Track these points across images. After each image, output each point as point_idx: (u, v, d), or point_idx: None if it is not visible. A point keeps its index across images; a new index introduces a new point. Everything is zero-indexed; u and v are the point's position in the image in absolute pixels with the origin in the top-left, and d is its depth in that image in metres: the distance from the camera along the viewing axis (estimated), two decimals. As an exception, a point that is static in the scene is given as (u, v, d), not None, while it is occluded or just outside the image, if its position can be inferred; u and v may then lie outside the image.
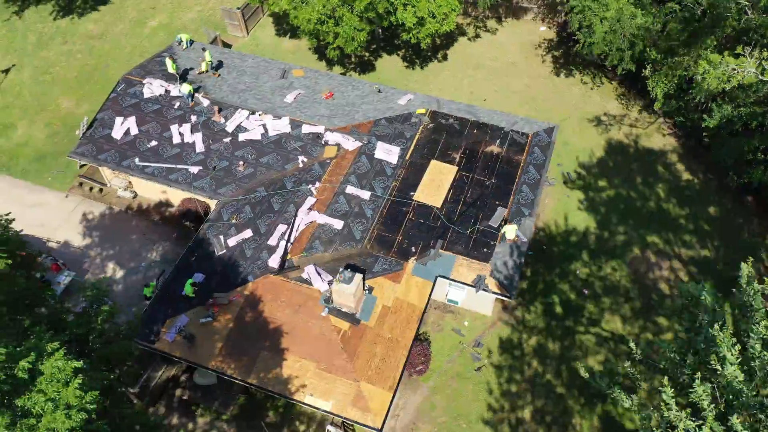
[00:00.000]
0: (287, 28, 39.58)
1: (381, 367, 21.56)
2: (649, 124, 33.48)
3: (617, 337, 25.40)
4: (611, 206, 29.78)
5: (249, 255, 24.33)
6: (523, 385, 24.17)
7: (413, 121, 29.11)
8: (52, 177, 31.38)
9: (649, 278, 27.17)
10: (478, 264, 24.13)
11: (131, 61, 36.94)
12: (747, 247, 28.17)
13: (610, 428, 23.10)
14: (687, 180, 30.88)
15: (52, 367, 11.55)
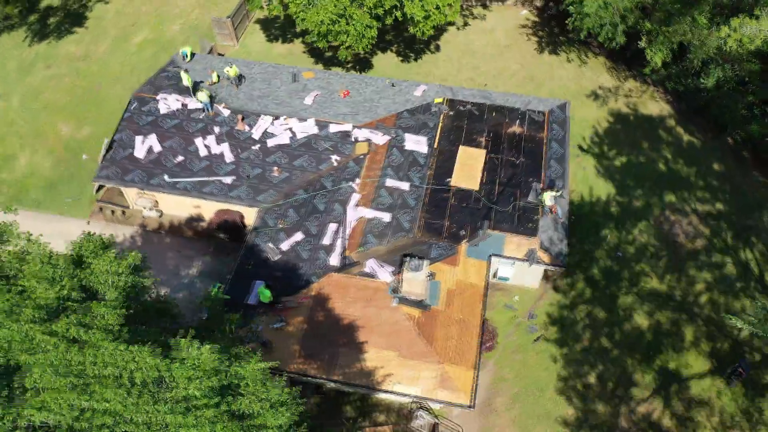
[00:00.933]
0: (276, 33, 39.53)
1: (459, 348, 22.26)
2: (642, 92, 35.36)
3: (657, 293, 26.94)
4: (625, 172, 31.38)
5: (306, 257, 24.51)
6: (582, 351, 25.35)
7: (433, 110, 29.85)
8: (68, 205, 30.46)
9: (673, 234, 28.88)
10: (526, 239, 25.14)
11: (123, 79, 36.14)
12: (753, 198, 30.33)
13: (668, 378, 24.54)
14: (688, 141, 32.86)
15: (253, 371, 11.66)
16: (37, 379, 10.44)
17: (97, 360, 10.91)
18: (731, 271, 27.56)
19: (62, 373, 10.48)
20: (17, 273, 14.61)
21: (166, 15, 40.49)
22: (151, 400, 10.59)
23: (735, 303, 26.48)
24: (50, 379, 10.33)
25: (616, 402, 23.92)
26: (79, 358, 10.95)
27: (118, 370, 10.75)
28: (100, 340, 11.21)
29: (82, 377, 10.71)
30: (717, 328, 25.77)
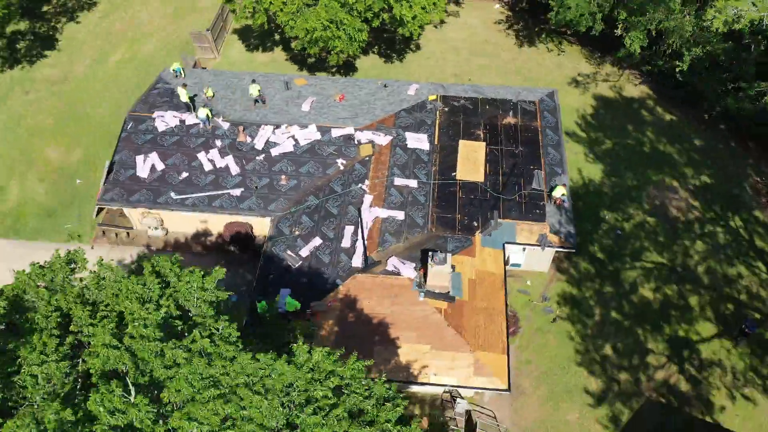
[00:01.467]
0: (255, 42, 39.59)
1: (488, 335, 23.03)
2: (620, 76, 36.90)
3: (658, 265, 28.31)
4: (614, 155, 32.76)
5: (328, 261, 24.88)
6: (595, 326, 26.49)
7: (429, 108, 30.56)
8: (69, 232, 29.95)
9: (667, 210, 30.35)
10: (536, 225, 26.11)
11: (107, 99, 35.68)
12: (733, 168, 32.11)
13: (679, 344, 25.88)
14: (669, 120, 34.50)
15: (351, 369, 12.04)
16: (174, 394, 10.60)
17: (230, 370, 11.17)
18: (724, 238, 29.17)
19: (202, 386, 10.70)
20: (107, 299, 14.43)
21: (139, 32, 40.04)
22: (281, 404, 10.91)
23: (731, 270, 28.05)
24: (190, 392, 10.49)
25: (634, 370, 25.12)
26: (210, 371, 11.16)
27: (249, 378, 11.00)
28: (231, 351, 11.45)
29: (218, 387, 10.92)
30: (718, 293, 27.29)
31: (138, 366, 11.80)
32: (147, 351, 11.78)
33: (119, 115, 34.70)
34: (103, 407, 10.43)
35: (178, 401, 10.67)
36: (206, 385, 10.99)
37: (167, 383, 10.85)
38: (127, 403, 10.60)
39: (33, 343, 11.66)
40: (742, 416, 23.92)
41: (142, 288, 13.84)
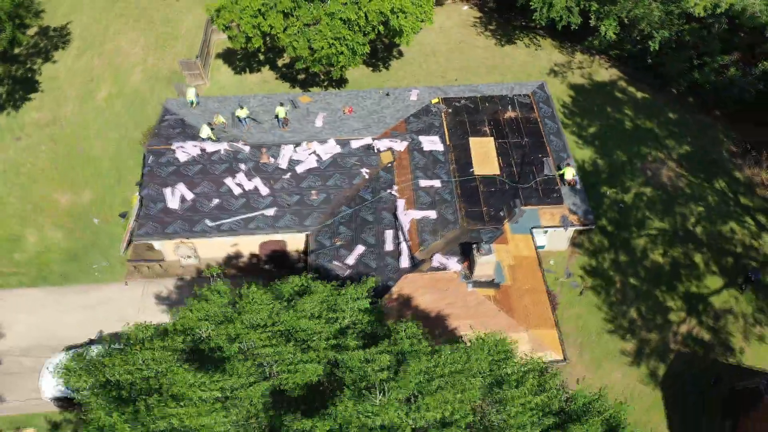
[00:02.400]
0: (241, 64, 40.23)
1: (536, 313, 25.02)
2: (591, 62, 39.82)
3: (662, 231, 31.14)
4: (601, 135, 35.52)
5: (375, 266, 26.23)
6: (618, 293, 28.99)
7: (434, 111, 32.31)
8: (98, 271, 30.02)
9: (659, 179, 33.29)
10: (556, 208, 28.33)
11: (102, 136, 35.61)
12: (707, 136, 35.48)
13: (693, 299, 28.72)
14: (642, 98, 37.61)
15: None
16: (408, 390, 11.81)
17: (438, 362, 12.46)
18: (712, 200, 32.36)
19: (426, 379, 11.86)
20: (265, 320, 15.07)
21: (121, 65, 39.92)
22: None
23: (724, 227, 31.21)
24: (418, 386, 11.66)
25: (660, 328, 27.75)
26: (423, 365, 12.39)
27: (454, 366, 12.34)
28: (426, 347, 12.68)
29: (434, 379, 12.20)
30: (718, 249, 30.35)
31: (353, 371, 12.89)
32: (355, 360, 12.88)
33: (120, 150, 34.84)
34: (359, 411, 11.47)
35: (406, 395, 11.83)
36: (428, 378, 12.28)
37: (401, 382, 11.96)
38: (380, 405, 11.66)
39: (235, 368, 12.48)
40: (756, 354, 26.93)
41: (310, 306, 14.84)
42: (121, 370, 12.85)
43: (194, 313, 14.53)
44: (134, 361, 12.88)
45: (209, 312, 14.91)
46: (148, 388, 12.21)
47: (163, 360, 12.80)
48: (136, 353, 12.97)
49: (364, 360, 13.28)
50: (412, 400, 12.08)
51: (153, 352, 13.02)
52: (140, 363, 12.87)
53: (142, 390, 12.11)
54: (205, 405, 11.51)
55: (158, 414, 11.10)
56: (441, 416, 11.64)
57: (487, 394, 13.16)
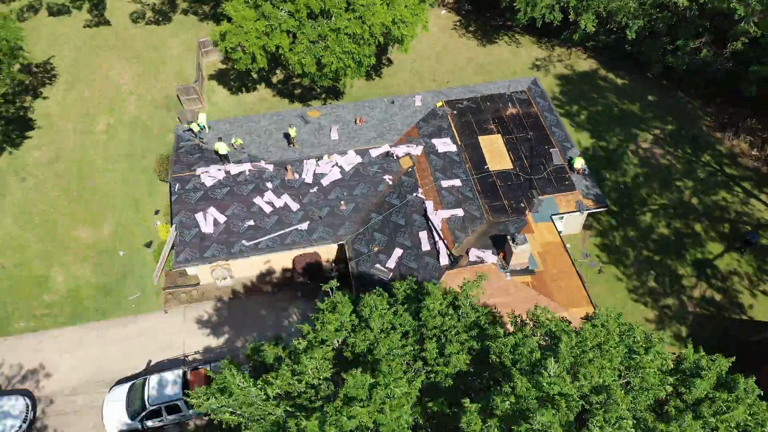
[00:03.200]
0: (235, 84, 40.78)
1: (571, 292, 26.90)
2: (569, 55, 42.22)
3: (662, 205, 33.61)
4: (592, 121, 37.86)
5: (416, 266, 27.58)
6: (633, 266, 31.27)
7: (440, 114, 33.88)
8: (135, 302, 30.28)
9: (652, 158, 35.82)
10: (570, 194, 30.35)
11: (110, 168, 35.66)
12: (685, 114, 38.34)
13: (700, 264, 31.25)
14: (622, 83, 40.22)
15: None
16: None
17: (586, 336, 14.10)
18: (702, 172, 35.10)
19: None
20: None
21: (114, 96, 39.85)
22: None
23: (716, 197, 33.96)
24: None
25: (676, 294, 30.14)
26: (573, 341, 13.75)
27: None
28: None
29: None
30: (715, 217, 33.04)
31: (505, 354, 14.26)
32: (508, 345, 14.30)
33: (131, 179, 35.00)
34: (534, 384, 12.79)
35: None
36: (582, 350, 13.75)
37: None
38: (552, 377, 12.97)
39: (391, 369, 13.51)
40: (764, 308, 29.64)
41: (438, 305, 16.04)
42: (291, 380, 13.77)
43: (331, 325, 15.49)
44: (303, 370, 13.82)
45: (342, 321, 15.91)
46: (326, 394, 13.20)
47: (324, 368, 13.80)
48: (305, 363, 13.90)
49: (514, 344, 14.69)
50: (573, 371, 13.56)
51: (315, 361, 14.00)
52: (310, 372, 13.83)
53: (319, 397, 13.06)
54: (387, 402, 12.66)
55: (346, 414, 12.14)
56: (597, 383, 13.13)
57: (624, 361, 14.76)
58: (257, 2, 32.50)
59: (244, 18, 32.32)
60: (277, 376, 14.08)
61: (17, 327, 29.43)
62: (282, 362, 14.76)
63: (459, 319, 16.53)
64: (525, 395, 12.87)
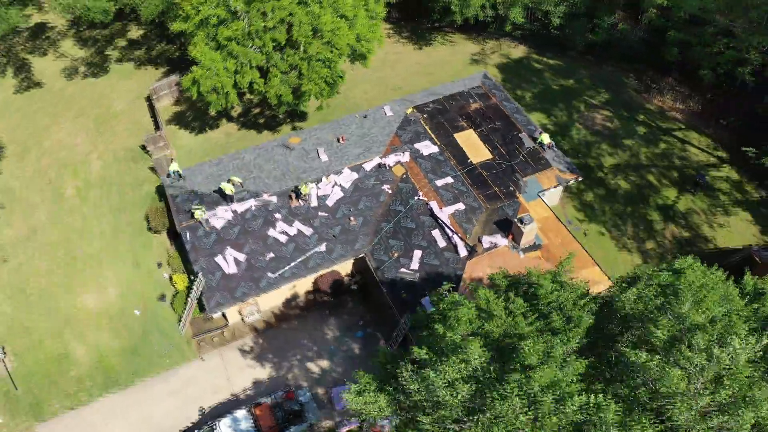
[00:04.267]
0: (195, 124, 40.89)
1: (578, 258, 30.21)
2: (500, 46, 45.92)
3: (617, 165, 37.87)
4: (538, 101, 41.62)
5: (438, 263, 29.80)
6: (610, 221, 35.23)
7: (412, 120, 36.19)
8: (168, 357, 30.33)
9: (597, 125, 40.12)
10: (548, 171, 33.72)
11: (94, 231, 35.01)
12: (614, 84, 43.11)
13: (664, 209, 35.79)
14: (554, 63, 44.41)
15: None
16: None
17: (692, 281, 16.61)
18: (643, 129, 39.85)
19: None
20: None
21: (73, 159, 38.81)
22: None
23: (658, 150, 38.74)
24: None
25: (652, 238, 34.42)
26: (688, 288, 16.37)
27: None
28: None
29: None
30: (663, 167, 37.77)
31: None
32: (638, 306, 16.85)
33: (121, 237, 34.59)
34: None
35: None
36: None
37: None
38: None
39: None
40: (724, 236, 34.58)
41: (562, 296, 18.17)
42: (460, 366, 15.56)
43: (464, 317, 17.28)
44: (468, 357, 15.71)
45: (470, 318, 17.76)
46: (496, 375, 15.19)
47: (484, 354, 15.75)
48: (472, 349, 15.73)
49: (637, 296, 17.24)
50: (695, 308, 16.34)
51: (477, 348, 15.87)
52: (475, 357, 15.70)
53: (489, 377, 15.05)
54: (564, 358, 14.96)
55: (537, 376, 14.39)
56: (712, 315, 15.93)
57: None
58: (221, 42, 33.16)
59: (212, 60, 32.92)
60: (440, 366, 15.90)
61: (52, 409, 28.69)
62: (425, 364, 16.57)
63: (571, 291, 18.82)
64: (671, 326, 15.62)
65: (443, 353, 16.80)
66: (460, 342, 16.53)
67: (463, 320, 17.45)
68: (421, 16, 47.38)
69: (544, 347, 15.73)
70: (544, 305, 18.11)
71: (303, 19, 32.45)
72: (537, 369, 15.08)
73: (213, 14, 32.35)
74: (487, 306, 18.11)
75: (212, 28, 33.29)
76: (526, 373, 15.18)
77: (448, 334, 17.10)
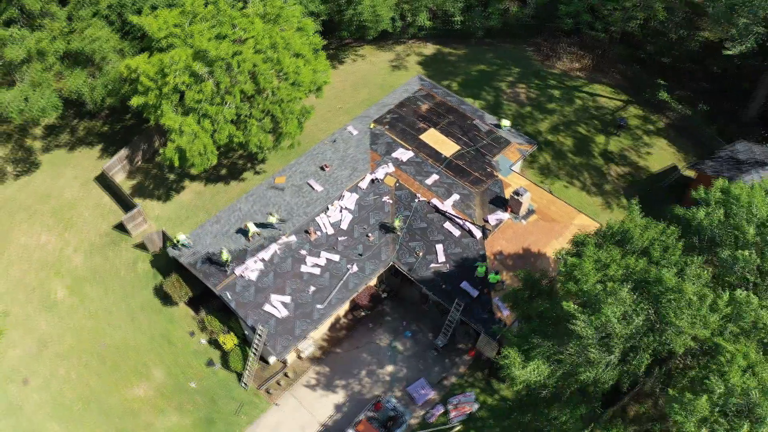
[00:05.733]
0: (160, 192, 40.55)
1: (565, 211, 35.30)
2: (411, 45, 50.06)
3: (552, 124, 43.75)
4: (465, 87, 46.23)
5: (460, 250, 33.35)
6: (566, 168, 40.92)
7: (378, 132, 39.18)
8: (243, 414, 31.13)
9: (521, 97, 45.72)
10: (511, 147, 38.47)
11: (111, 320, 34.25)
12: (519, 59, 49.04)
13: (598, 150, 42.22)
14: (463, 53, 49.38)
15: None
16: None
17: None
18: (557, 93, 46.12)
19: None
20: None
21: (48, 258, 37.12)
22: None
23: (575, 105, 45.19)
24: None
25: (604, 178, 40.64)
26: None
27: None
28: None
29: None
30: (587, 118, 44.24)
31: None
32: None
33: (140, 321, 34.27)
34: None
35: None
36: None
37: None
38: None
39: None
40: (653, 162, 41.69)
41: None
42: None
43: (591, 277, 20.80)
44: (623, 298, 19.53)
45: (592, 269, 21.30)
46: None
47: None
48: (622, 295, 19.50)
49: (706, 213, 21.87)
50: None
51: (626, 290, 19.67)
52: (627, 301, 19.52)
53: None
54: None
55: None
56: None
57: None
58: (190, 106, 33.84)
59: (189, 125, 33.58)
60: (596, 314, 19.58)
61: (153, 503, 28.54)
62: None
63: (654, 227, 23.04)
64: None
65: (590, 303, 20.39)
66: (609, 287, 20.16)
67: (591, 274, 21.11)
68: (328, 38, 49.96)
69: (676, 269, 20.08)
70: (639, 243, 22.17)
71: (265, 68, 34.09)
72: (685, 283, 19.28)
73: (180, 81, 32.99)
74: (601, 256, 21.79)
75: (176, 94, 33.87)
76: (676, 291, 19.21)
77: (586, 286, 20.64)
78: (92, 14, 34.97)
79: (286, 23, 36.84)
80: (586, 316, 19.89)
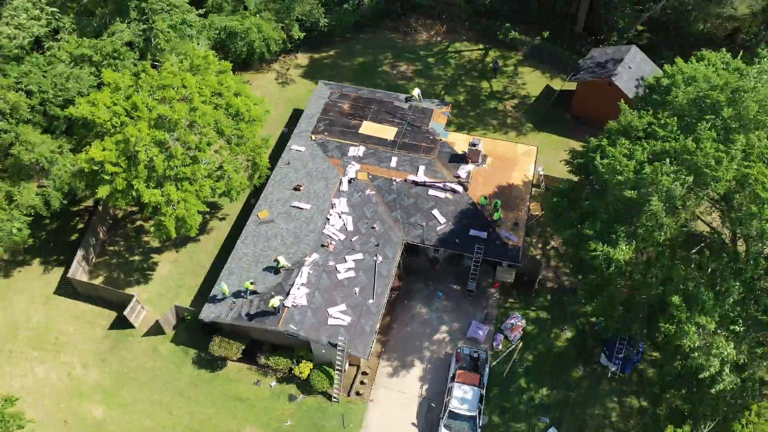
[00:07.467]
0: (134, 277, 38.94)
1: (508, 148, 41.79)
2: (285, 62, 52.46)
3: (443, 85, 49.89)
4: (358, 82, 50.23)
5: (453, 207, 37.90)
6: (478, 119, 47.53)
7: (323, 142, 41.80)
8: (351, 423, 32.98)
9: (404, 73, 51.09)
10: (435, 114, 43.77)
11: (171, 409, 33.40)
12: (384, 40, 54.16)
13: (502, 95, 49.52)
14: (335, 52, 53.12)
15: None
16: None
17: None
18: (432, 59, 52.30)
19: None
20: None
21: (62, 388, 34.31)
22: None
23: (444, 66, 51.83)
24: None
25: (505, 113, 47.96)
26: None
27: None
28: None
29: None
30: (434, 71, 51.14)
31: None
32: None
33: (203, 393, 34.09)
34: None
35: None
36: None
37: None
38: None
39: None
40: (532, 88, 50.03)
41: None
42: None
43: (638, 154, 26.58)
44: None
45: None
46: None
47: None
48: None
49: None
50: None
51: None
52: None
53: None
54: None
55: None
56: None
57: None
58: (164, 175, 33.68)
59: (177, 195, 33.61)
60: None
61: None
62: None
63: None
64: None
65: (640, 185, 26.28)
66: (655, 166, 26.14)
67: (625, 163, 26.99)
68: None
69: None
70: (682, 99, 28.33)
71: (222, 115, 35.16)
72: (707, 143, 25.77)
73: (153, 155, 32.70)
74: (622, 148, 27.76)
75: (144, 170, 33.38)
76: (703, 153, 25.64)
77: (631, 173, 26.49)
78: (16, 122, 32.37)
79: (207, 70, 37.62)
80: (657, 197, 25.56)
